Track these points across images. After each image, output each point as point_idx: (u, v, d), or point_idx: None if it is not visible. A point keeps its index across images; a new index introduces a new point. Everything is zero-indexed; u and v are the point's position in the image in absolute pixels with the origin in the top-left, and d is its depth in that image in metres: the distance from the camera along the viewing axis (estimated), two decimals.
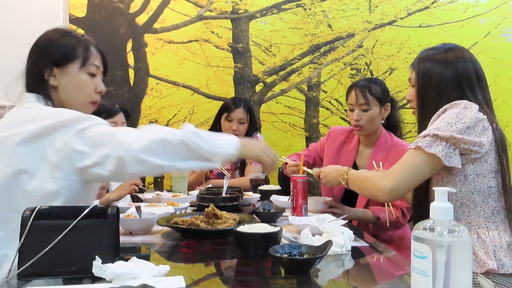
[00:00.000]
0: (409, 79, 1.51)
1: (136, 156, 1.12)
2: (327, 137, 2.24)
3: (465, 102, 1.33)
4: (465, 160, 1.31)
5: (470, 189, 1.32)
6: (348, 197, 2.03)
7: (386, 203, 1.87)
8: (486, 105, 1.38)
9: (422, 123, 1.43)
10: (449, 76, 1.39)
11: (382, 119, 2.04)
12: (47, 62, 1.32)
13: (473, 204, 1.32)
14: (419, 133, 1.43)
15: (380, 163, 1.90)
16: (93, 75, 1.37)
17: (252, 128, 2.70)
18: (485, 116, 1.32)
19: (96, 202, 1.41)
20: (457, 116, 1.30)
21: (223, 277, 1.09)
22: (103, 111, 2.24)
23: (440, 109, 1.35)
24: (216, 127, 2.71)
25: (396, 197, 1.43)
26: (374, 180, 1.43)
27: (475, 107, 1.32)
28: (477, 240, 1.29)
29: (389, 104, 2.04)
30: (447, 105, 1.34)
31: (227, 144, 1.20)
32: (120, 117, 2.31)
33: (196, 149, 1.15)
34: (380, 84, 2.08)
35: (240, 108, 2.62)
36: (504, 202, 1.32)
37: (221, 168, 2.41)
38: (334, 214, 1.77)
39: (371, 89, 1.99)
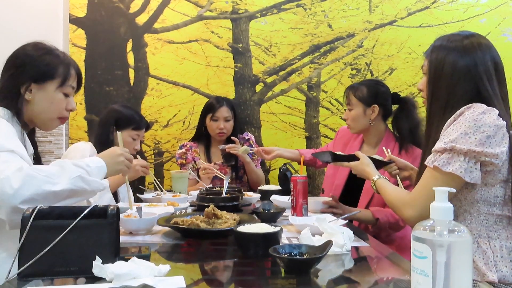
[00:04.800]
0: (422, 67, 1.41)
1: (14, 207, 1.10)
2: (336, 137, 2.36)
3: (484, 106, 1.22)
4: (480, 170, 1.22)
5: (476, 198, 1.25)
6: (350, 197, 2.03)
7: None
8: (503, 103, 1.28)
9: (430, 119, 1.35)
10: (463, 67, 1.28)
11: (371, 120, 2.05)
12: (26, 77, 1.36)
13: (477, 213, 1.26)
14: (426, 130, 1.37)
15: (389, 150, 1.80)
16: (67, 95, 1.44)
17: (237, 126, 2.69)
18: (505, 122, 1.21)
19: None
20: (475, 124, 1.19)
21: (223, 277, 1.09)
22: (134, 121, 2.17)
23: (457, 112, 1.24)
24: (201, 128, 2.69)
25: (422, 221, 1.41)
26: (399, 205, 1.37)
27: (495, 112, 1.21)
28: (477, 250, 1.23)
29: (376, 106, 2.03)
30: (464, 107, 1.23)
31: (100, 175, 1.31)
32: (143, 133, 2.26)
33: (82, 192, 1.24)
34: (370, 85, 2.08)
35: (224, 107, 2.61)
36: (509, 211, 1.25)
37: (218, 173, 2.42)
38: (334, 214, 1.78)
39: (356, 90, 2.08)
